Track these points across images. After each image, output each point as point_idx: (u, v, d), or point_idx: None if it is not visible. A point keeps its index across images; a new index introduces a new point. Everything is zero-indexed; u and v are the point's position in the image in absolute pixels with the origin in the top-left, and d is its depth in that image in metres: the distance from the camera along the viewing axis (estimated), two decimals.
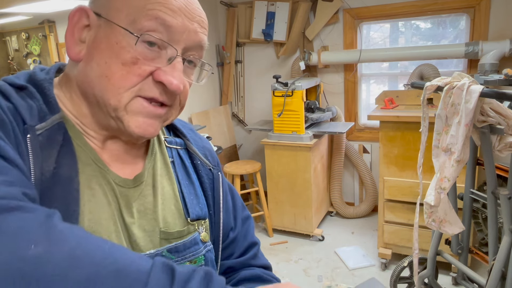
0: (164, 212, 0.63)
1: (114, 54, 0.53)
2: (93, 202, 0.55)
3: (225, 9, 3.60)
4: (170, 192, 0.65)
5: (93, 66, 0.54)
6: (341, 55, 3.14)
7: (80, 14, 0.56)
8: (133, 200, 0.60)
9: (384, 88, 3.26)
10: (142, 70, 0.53)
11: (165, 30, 0.54)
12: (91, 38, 0.55)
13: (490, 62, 2.51)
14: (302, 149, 2.87)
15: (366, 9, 3.05)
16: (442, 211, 1.58)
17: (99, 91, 0.54)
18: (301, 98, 2.80)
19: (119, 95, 0.53)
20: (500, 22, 2.66)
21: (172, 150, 0.70)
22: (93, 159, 0.57)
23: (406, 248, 2.54)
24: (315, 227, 3.09)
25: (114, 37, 0.53)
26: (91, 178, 0.55)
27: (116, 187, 0.58)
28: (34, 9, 3.54)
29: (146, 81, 0.54)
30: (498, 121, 1.48)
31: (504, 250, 1.57)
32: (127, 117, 0.55)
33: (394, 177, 2.47)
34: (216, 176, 0.73)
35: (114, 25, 0.53)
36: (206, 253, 0.66)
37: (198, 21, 0.57)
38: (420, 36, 3.13)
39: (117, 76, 0.53)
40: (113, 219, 0.56)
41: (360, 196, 3.50)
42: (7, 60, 5.45)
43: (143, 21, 0.53)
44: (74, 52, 0.56)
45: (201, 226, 0.67)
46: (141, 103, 0.55)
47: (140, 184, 0.61)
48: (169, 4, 0.53)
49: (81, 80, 0.56)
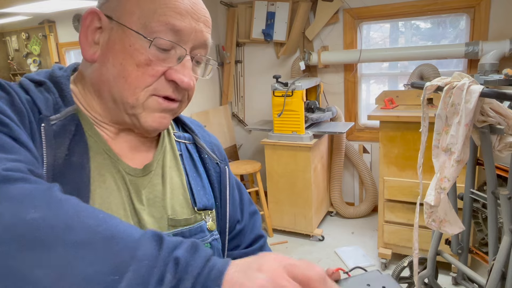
0: (173, 201, 0.66)
1: (129, 55, 0.56)
2: (103, 188, 0.58)
3: (225, 9, 3.60)
4: (178, 182, 0.68)
5: (108, 67, 0.57)
6: (341, 55, 3.14)
7: (92, 17, 0.58)
8: (143, 188, 0.63)
9: (384, 88, 3.26)
10: (156, 71, 0.57)
11: (175, 33, 0.57)
12: (105, 40, 0.58)
13: (490, 62, 2.51)
14: (302, 149, 2.87)
15: (366, 9, 3.05)
16: (442, 211, 1.58)
17: (117, 91, 0.58)
18: (301, 98, 2.80)
19: (136, 94, 0.57)
20: (500, 22, 2.66)
21: (181, 144, 0.73)
22: (104, 149, 0.60)
23: (406, 248, 2.54)
24: (315, 227, 3.09)
25: (128, 40, 0.56)
26: (102, 166, 0.59)
27: (126, 175, 0.61)
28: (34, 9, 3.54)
29: (160, 80, 0.58)
30: (498, 121, 1.48)
31: (504, 250, 1.57)
32: (144, 114, 0.59)
33: (394, 177, 2.47)
34: (223, 170, 0.76)
35: (127, 29, 0.56)
36: (212, 241, 0.68)
37: (203, 21, 0.61)
38: (420, 36, 3.13)
39: (133, 77, 0.57)
40: (122, 205, 0.59)
41: (360, 196, 3.50)
42: (7, 60, 5.45)
43: (154, 26, 0.56)
44: (89, 54, 0.59)
45: (207, 215, 0.70)
46: (157, 100, 0.59)
47: (149, 173, 0.65)
48: (177, 8, 0.57)
49: (96, 79, 0.60)
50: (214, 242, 0.69)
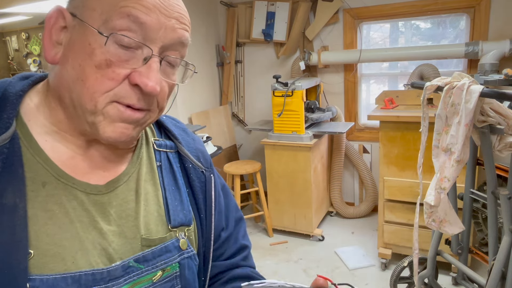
0: (147, 218, 0.61)
1: (87, 56, 0.51)
2: (51, 225, 0.52)
3: (225, 9, 3.60)
4: (153, 197, 0.63)
5: (68, 69, 0.52)
6: (341, 55, 3.14)
7: (57, 16, 0.53)
8: (110, 206, 0.58)
9: (384, 88, 3.26)
10: (116, 74, 0.51)
11: (139, 28, 0.51)
12: (67, 40, 0.53)
13: (490, 62, 2.51)
14: (302, 149, 2.87)
15: (366, 9, 3.05)
16: (442, 211, 1.58)
17: (76, 95, 0.52)
18: (301, 98, 2.80)
19: (95, 99, 0.51)
20: (500, 22, 2.66)
21: (161, 153, 0.68)
22: (54, 175, 0.54)
23: (406, 248, 2.54)
24: (315, 227, 3.09)
25: (87, 38, 0.51)
26: (47, 200, 0.53)
27: (86, 197, 0.56)
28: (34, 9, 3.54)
29: (122, 85, 0.52)
30: (498, 121, 1.48)
31: (504, 250, 1.57)
32: (104, 123, 0.53)
33: (394, 177, 2.47)
34: (209, 178, 0.71)
35: (87, 26, 0.51)
36: (181, 260, 0.63)
37: (176, 17, 0.54)
38: (420, 36, 3.13)
39: (92, 80, 0.51)
40: (78, 237, 0.54)
41: (360, 196, 3.50)
42: (7, 60, 5.45)
43: (115, 19, 0.50)
44: (51, 55, 0.53)
45: (182, 232, 0.65)
46: (117, 108, 0.52)
47: (114, 189, 0.59)
48: (142, 1, 0.50)
49: (57, 84, 0.54)
50: (184, 261, 0.64)
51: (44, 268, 0.50)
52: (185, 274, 0.64)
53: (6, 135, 0.51)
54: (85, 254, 0.54)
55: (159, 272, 0.61)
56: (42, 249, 0.51)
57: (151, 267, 0.60)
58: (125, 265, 0.57)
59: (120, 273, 0.56)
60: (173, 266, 0.62)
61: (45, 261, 0.51)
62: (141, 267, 0.59)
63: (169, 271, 0.62)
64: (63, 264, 0.52)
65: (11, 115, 0.52)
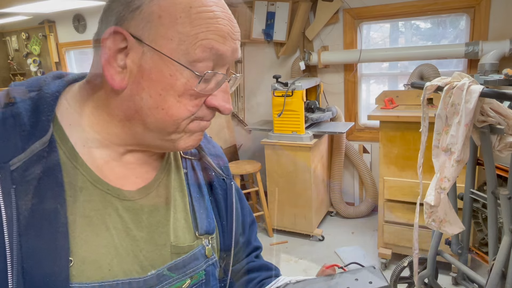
0: (175, 225, 0.61)
1: (169, 86, 0.50)
2: (89, 231, 0.51)
3: None
4: (181, 205, 0.63)
5: (143, 96, 0.51)
6: (341, 55, 3.14)
7: (115, 38, 0.50)
8: (142, 213, 0.57)
9: (384, 88, 3.26)
10: (199, 101, 0.54)
11: (216, 57, 0.52)
12: (136, 66, 0.51)
13: (490, 62, 2.51)
14: (302, 149, 2.87)
15: (366, 9, 3.05)
16: (442, 211, 1.58)
17: (154, 120, 0.52)
18: (301, 98, 2.80)
19: (178, 123, 0.53)
20: (500, 22, 2.66)
21: (187, 160, 0.68)
22: (90, 181, 0.53)
23: (406, 248, 2.54)
24: (315, 227, 3.09)
25: (167, 69, 0.50)
26: (85, 206, 0.52)
27: (120, 203, 0.55)
28: (34, 9, 3.54)
29: (202, 108, 0.55)
30: (498, 121, 1.48)
31: (504, 250, 1.57)
32: (185, 137, 0.56)
33: (394, 177, 2.47)
34: (229, 186, 0.72)
35: (165, 56, 0.49)
36: (207, 267, 0.64)
37: (237, 37, 0.56)
38: (420, 36, 3.13)
39: (175, 109, 0.52)
40: (113, 244, 0.53)
41: (360, 196, 3.50)
42: (7, 60, 5.44)
43: (198, 53, 0.50)
44: (117, 82, 0.51)
45: (207, 240, 0.65)
46: (198, 123, 0.56)
47: (146, 196, 0.59)
48: (219, 31, 0.51)
49: (125, 107, 0.53)
50: (209, 268, 0.64)
51: (82, 276, 0.50)
52: (210, 280, 0.65)
53: (45, 138, 0.50)
54: (120, 262, 0.53)
55: (188, 280, 0.61)
56: (80, 257, 0.50)
57: (182, 275, 0.60)
58: (160, 274, 0.57)
59: (154, 282, 0.56)
60: (200, 273, 0.63)
61: (83, 268, 0.50)
62: (173, 276, 0.59)
63: (197, 278, 0.62)
64: (100, 271, 0.51)
65: (49, 117, 0.51)
